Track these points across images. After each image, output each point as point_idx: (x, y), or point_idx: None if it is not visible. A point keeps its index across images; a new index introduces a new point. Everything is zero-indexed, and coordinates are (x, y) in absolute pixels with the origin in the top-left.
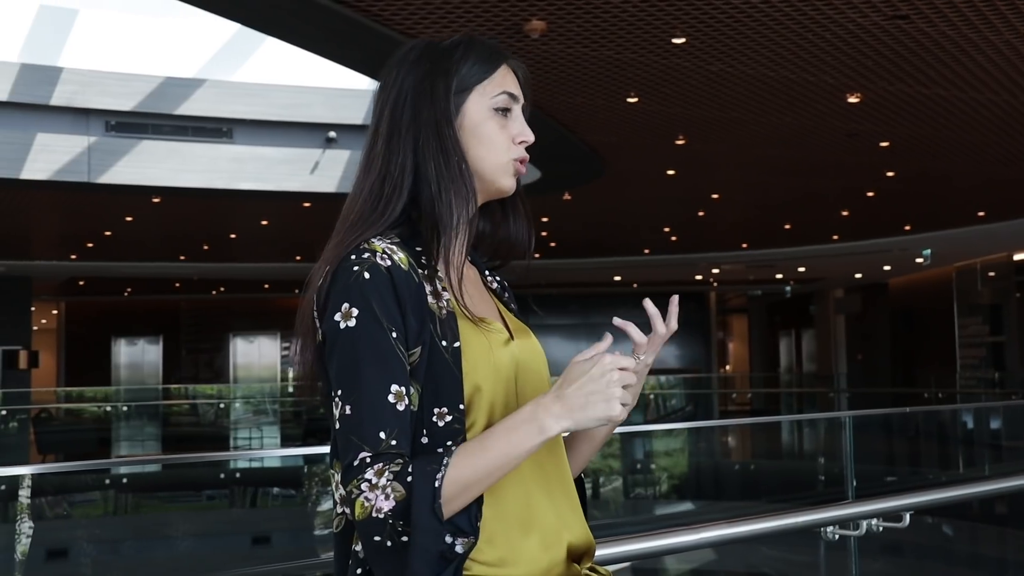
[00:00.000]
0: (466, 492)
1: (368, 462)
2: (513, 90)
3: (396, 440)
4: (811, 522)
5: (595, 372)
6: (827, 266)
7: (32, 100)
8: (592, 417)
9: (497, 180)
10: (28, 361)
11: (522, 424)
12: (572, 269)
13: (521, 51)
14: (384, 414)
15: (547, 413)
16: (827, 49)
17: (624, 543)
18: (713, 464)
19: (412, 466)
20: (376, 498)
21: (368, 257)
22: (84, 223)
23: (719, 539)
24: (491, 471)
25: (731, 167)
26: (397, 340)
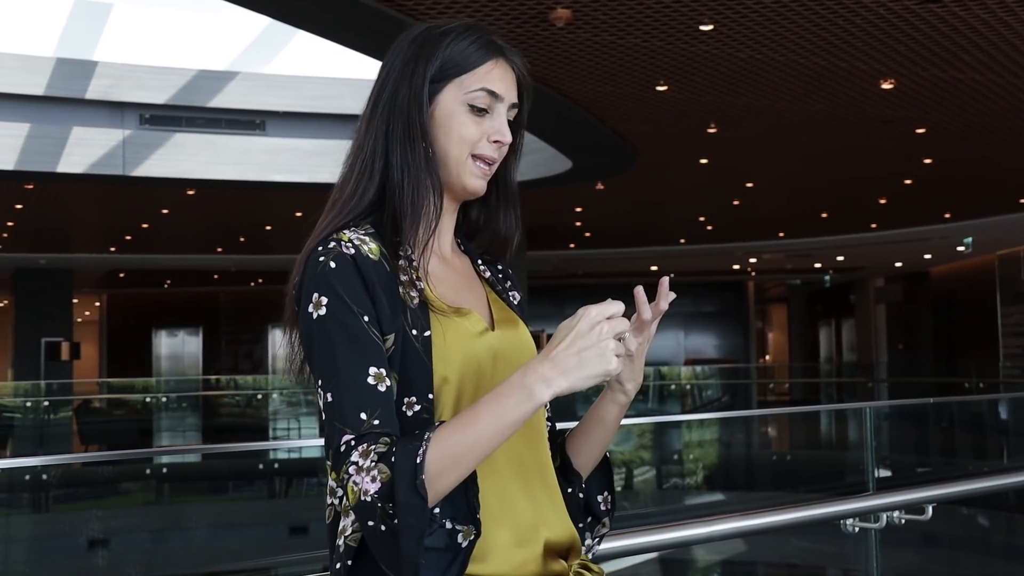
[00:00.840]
0: (454, 466)
1: (353, 444)
2: (496, 88)
3: (379, 420)
4: (828, 514)
5: (583, 327)
6: (866, 255)
7: (68, 94)
8: (588, 375)
9: (460, 176)
10: (70, 353)
11: (512, 390)
12: (608, 259)
13: (547, 40)
14: (364, 395)
15: (537, 377)
16: (858, 35)
17: (633, 536)
18: (745, 454)
19: (396, 445)
20: (363, 481)
21: (334, 247)
22: (121, 216)
23: (731, 532)
24: (479, 442)
25: (764, 155)
26: (369, 324)
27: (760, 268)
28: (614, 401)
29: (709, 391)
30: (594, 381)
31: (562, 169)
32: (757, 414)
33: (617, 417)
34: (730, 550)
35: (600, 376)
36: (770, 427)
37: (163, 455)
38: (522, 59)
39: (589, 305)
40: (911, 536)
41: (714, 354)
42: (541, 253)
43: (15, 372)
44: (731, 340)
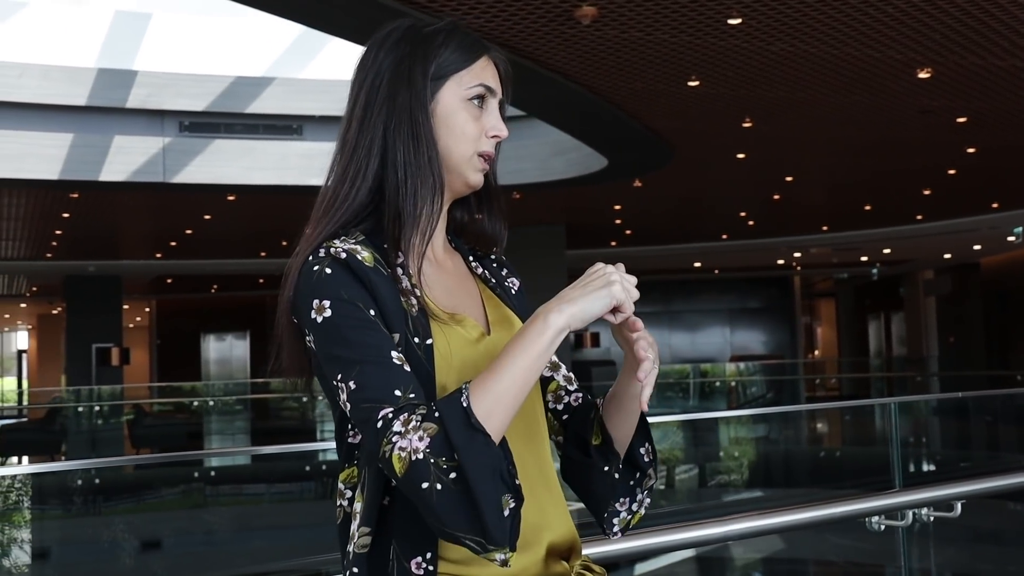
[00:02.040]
0: (497, 406)
1: (391, 417)
2: (491, 83)
3: (414, 394)
4: (851, 512)
5: (590, 270)
6: (913, 247)
7: (109, 104)
8: (593, 301)
9: (463, 173)
10: (120, 358)
11: (530, 324)
12: (650, 256)
13: (574, 38)
14: (394, 374)
15: (548, 309)
16: (891, 24)
17: (649, 536)
18: (784, 451)
19: (435, 404)
20: (410, 442)
21: (324, 255)
22: (165, 222)
23: (747, 532)
24: (513, 379)
25: (802, 149)
26: (376, 317)
27: (805, 262)
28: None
29: (753, 388)
30: (600, 306)
31: (598, 167)
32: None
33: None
34: (769, 548)
35: (605, 301)
36: (811, 424)
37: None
38: (506, 59)
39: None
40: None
41: (760, 350)
42: (582, 252)
43: (68, 377)
44: (778, 336)
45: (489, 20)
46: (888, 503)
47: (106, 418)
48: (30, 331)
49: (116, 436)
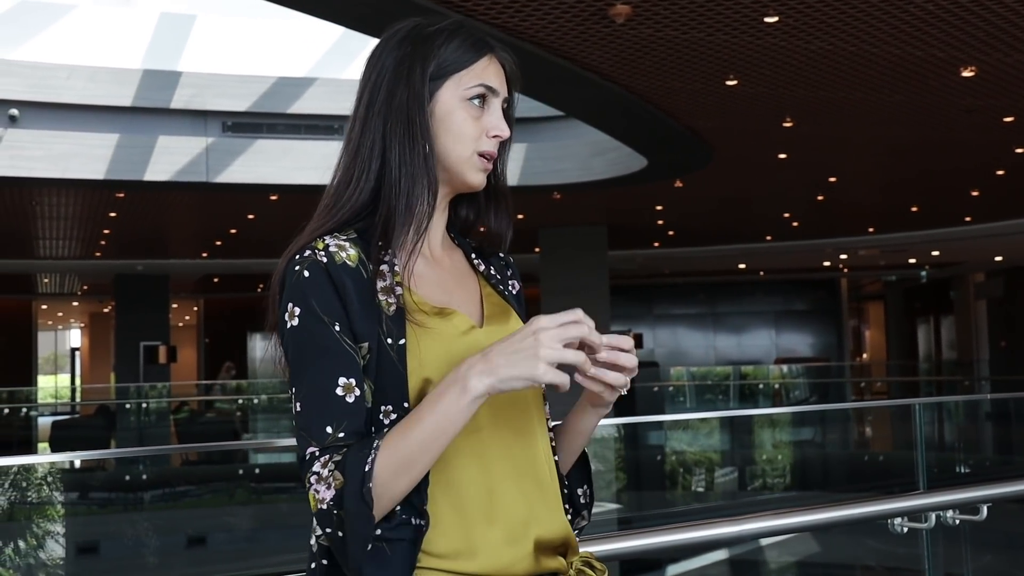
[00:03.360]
0: (406, 470)
1: (316, 455)
2: (493, 83)
3: (344, 433)
4: (871, 513)
5: (525, 331)
6: (963, 249)
7: (154, 104)
8: (513, 376)
9: (463, 173)
10: (167, 356)
11: (448, 387)
12: (694, 257)
13: (609, 36)
14: (331, 408)
15: (470, 371)
16: (932, 22)
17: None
18: (824, 454)
19: (347, 453)
20: (321, 489)
21: (309, 255)
22: (210, 222)
23: (764, 531)
24: (425, 443)
25: (845, 149)
26: (341, 333)
27: (852, 264)
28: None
29: (796, 391)
30: (521, 383)
31: (638, 167)
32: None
33: (594, 427)
34: (803, 550)
35: (527, 379)
36: (854, 426)
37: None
38: (512, 56)
39: (542, 315)
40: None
41: (807, 352)
42: (624, 252)
43: (117, 375)
44: (824, 338)
45: (524, 19)
46: (910, 505)
47: (155, 416)
48: (83, 329)
49: (164, 433)
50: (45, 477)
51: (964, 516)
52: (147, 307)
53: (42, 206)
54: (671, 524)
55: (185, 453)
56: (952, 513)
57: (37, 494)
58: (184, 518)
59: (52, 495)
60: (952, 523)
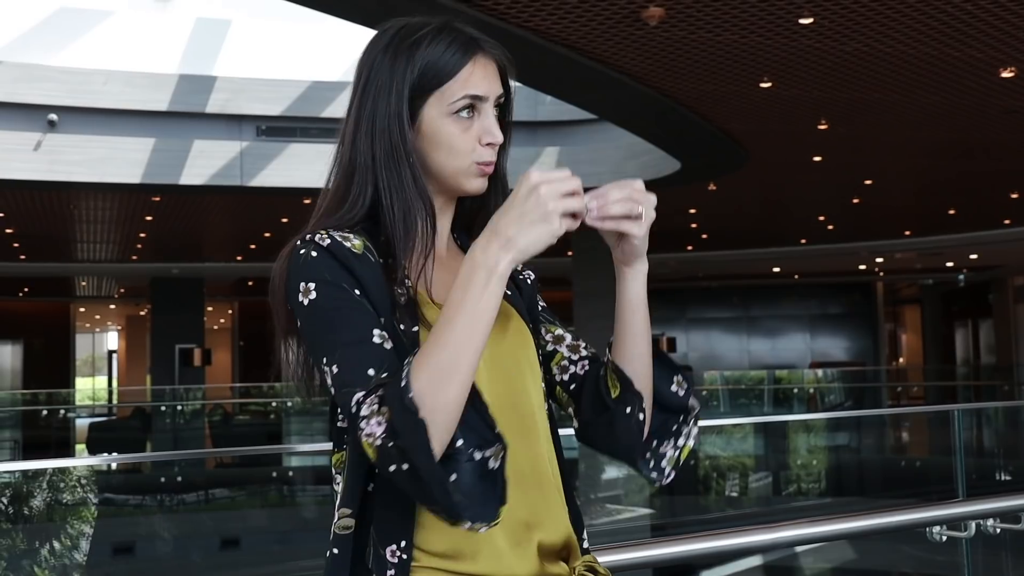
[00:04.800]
0: (449, 375)
1: (361, 400)
2: (479, 91)
3: (387, 373)
4: (909, 522)
5: (521, 193)
6: (1002, 252)
7: (189, 109)
8: (532, 240)
9: (460, 184)
10: (202, 359)
11: (471, 277)
12: (728, 261)
13: (642, 39)
14: (371, 354)
15: (487, 254)
16: (971, 22)
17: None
18: (859, 459)
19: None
20: (371, 428)
21: (309, 239)
22: (245, 225)
23: (801, 538)
24: (464, 340)
25: (881, 151)
26: (362, 297)
27: (888, 268)
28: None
29: (831, 396)
30: (542, 244)
31: (671, 170)
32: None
33: (642, 292)
34: (839, 557)
35: (546, 237)
36: (890, 431)
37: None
38: (500, 48)
39: (530, 170)
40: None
41: (842, 356)
42: (657, 256)
43: (152, 377)
44: (860, 342)
45: (556, 22)
46: (948, 513)
47: (189, 418)
48: (119, 332)
49: (198, 436)
50: (80, 479)
51: (1005, 525)
52: (182, 310)
53: (80, 210)
54: (706, 531)
55: (219, 456)
56: (992, 522)
57: (72, 495)
58: (218, 520)
59: (88, 496)
60: (992, 532)
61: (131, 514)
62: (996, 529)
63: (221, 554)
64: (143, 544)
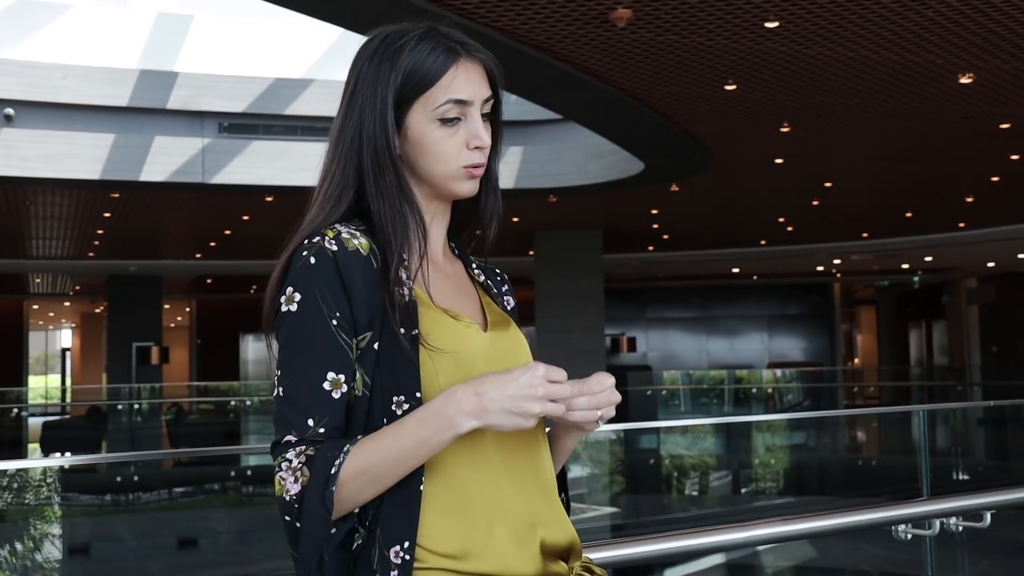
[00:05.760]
0: (372, 484)
1: (292, 443)
2: (463, 95)
3: (324, 428)
4: (877, 520)
5: (523, 380)
6: (956, 255)
7: (150, 105)
8: (503, 423)
9: (450, 188)
10: (159, 357)
11: (434, 417)
12: (688, 261)
13: (609, 41)
14: (316, 400)
15: (459, 409)
16: (932, 28)
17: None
18: (817, 458)
19: (319, 450)
20: (287, 479)
21: (317, 241)
22: (205, 223)
23: (771, 537)
24: (398, 462)
25: (842, 154)
26: (339, 327)
27: (845, 269)
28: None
29: (789, 395)
30: (506, 429)
31: (634, 171)
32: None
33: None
34: (800, 555)
35: (512, 428)
36: (846, 431)
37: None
38: (485, 51)
39: (540, 363)
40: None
41: (799, 357)
42: (619, 256)
43: (109, 376)
44: (817, 343)
45: (524, 23)
46: (914, 512)
47: (146, 417)
48: (74, 329)
49: (155, 435)
50: (36, 479)
51: (968, 523)
52: (140, 308)
53: (36, 206)
54: (675, 531)
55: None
56: (956, 520)
57: (26, 496)
58: (175, 520)
59: (44, 497)
60: (956, 530)
61: (86, 514)
62: (959, 527)
63: (179, 554)
64: (99, 545)
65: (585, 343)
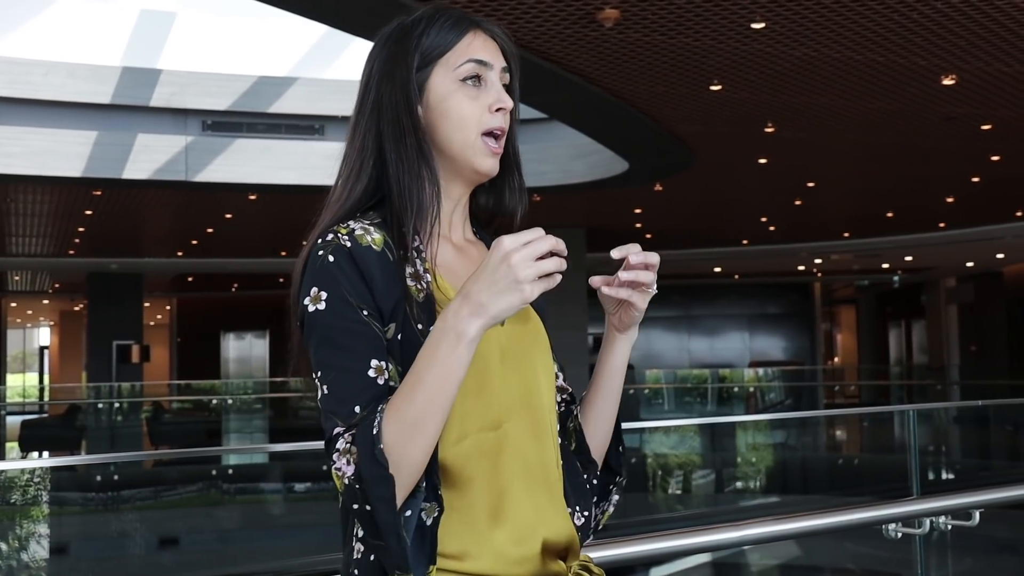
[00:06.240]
0: (413, 429)
1: (340, 433)
2: (483, 56)
3: (369, 411)
4: (869, 519)
5: (494, 260)
6: (936, 255)
7: (133, 102)
8: (503, 308)
9: (470, 161)
10: (140, 355)
11: (441, 339)
12: (671, 261)
13: (597, 41)
14: (362, 388)
15: (457, 318)
16: (916, 30)
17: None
18: (801, 457)
19: (359, 426)
20: (343, 465)
21: (332, 239)
22: (187, 221)
23: (766, 536)
24: (432, 397)
25: (825, 154)
26: (370, 316)
27: (826, 269)
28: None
29: (771, 394)
30: (513, 309)
31: (619, 171)
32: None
33: (625, 360)
34: (785, 554)
35: (517, 304)
36: (830, 430)
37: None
38: (501, 27)
39: (502, 236)
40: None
41: (780, 356)
42: (602, 255)
43: (88, 374)
44: (797, 342)
45: (512, 22)
46: (906, 510)
47: (126, 415)
48: (52, 327)
49: (135, 433)
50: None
51: (957, 522)
52: (120, 306)
53: (17, 203)
54: (668, 530)
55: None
56: (945, 519)
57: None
58: (156, 519)
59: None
60: (944, 528)
61: (66, 513)
62: (948, 526)
63: (160, 553)
64: (78, 544)
65: (568, 341)
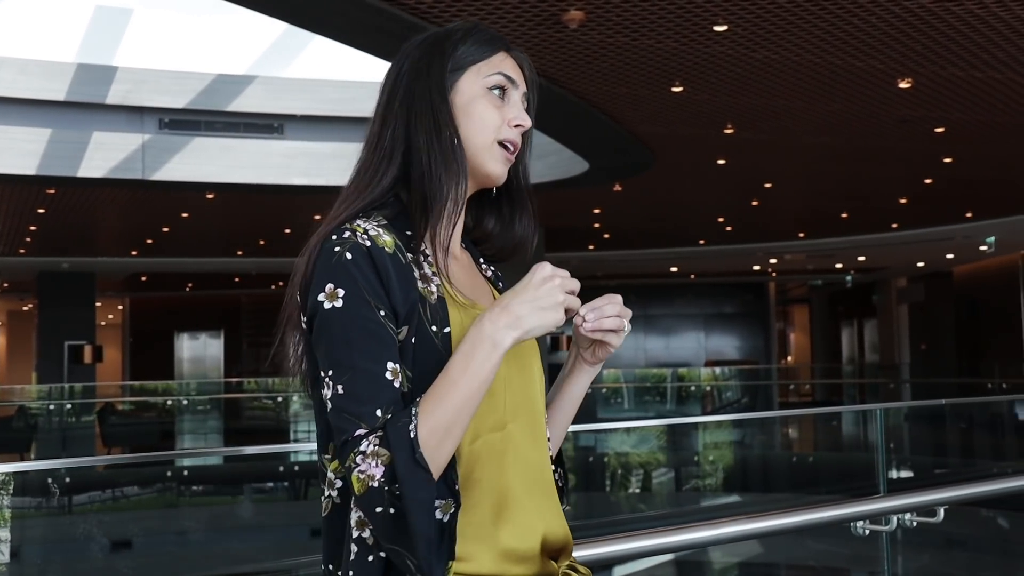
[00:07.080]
0: (448, 436)
1: (362, 436)
2: (511, 74)
3: (390, 415)
4: (840, 516)
5: (536, 279)
6: (888, 255)
7: (88, 99)
8: (539, 326)
9: (484, 163)
10: (93, 356)
11: (476, 346)
12: (628, 260)
13: (560, 41)
14: (382, 391)
15: (495, 327)
16: (874, 34)
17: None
18: (762, 456)
19: (387, 429)
20: (369, 467)
21: (349, 237)
22: (142, 220)
23: (738, 535)
24: (464, 403)
25: (782, 156)
26: (386, 318)
27: (781, 269)
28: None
29: (728, 393)
30: (545, 329)
31: (579, 171)
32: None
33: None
34: (747, 552)
35: (551, 324)
36: (787, 429)
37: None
38: (527, 58)
39: (545, 262)
40: (931, 537)
41: (735, 355)
42: (560, 255)
43: (39, 375)
44: (752, 341)
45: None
46: (876, 508)
47: (77, 416)
48: (0, 328)
49: (87, 435)
50: None
51: (922, 519)
52: (72, 306)
53: None
54: (641, 530)
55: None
56: (911, 515)
57: None
58: (109, 522)
59: None
60: (910, 525)
61: (16, 517)
62: (913, 523)
63: (112, 556)
64: (29, 549)
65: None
